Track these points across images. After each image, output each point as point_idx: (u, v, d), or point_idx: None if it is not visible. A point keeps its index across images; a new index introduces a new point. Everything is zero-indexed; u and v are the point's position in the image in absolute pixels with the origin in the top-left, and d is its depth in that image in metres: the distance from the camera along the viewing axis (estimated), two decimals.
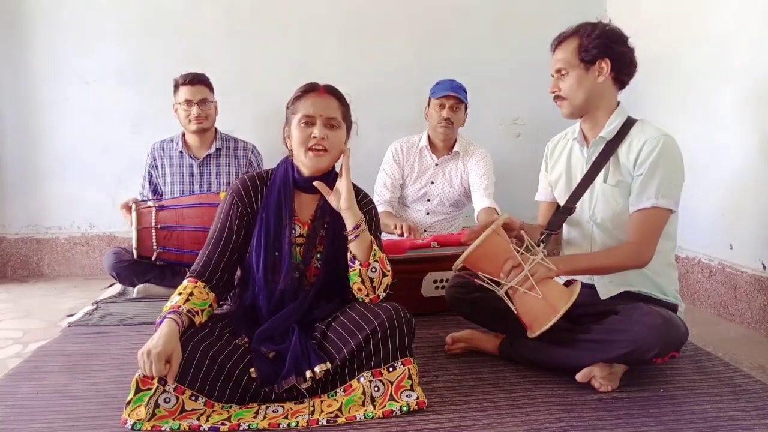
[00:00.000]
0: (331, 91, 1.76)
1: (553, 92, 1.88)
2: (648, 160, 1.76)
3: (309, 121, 1.70)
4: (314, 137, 1.68)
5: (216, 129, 3.05)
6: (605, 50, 1.81)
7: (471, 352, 2.01)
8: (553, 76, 1.89)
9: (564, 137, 2.05)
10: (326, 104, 1.72)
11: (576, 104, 1.85)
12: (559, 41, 1.88)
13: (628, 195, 1.81)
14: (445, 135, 2.88)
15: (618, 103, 1.89)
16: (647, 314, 1.67)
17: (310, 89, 1.74)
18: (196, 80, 2.89)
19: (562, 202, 1.99)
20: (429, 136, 2.96)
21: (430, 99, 2.91)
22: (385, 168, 2.98)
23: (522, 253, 1.73)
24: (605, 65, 1.82)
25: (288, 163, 1.79)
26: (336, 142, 1.72)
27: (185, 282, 1.68)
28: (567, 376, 1.74)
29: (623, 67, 1.84)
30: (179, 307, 1.59)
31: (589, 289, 1.87)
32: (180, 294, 1.63)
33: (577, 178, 1.94)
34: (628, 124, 1.86)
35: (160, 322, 1.55)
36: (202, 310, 1.63)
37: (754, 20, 2.39)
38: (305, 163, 1.72)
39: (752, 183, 2.42)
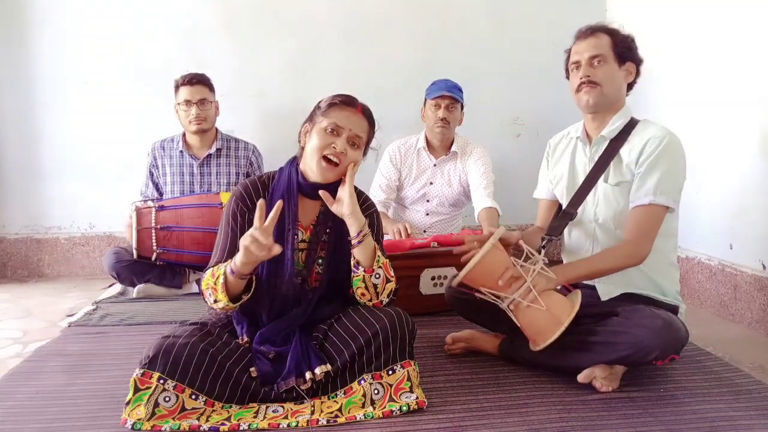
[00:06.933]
0: (367, 113, 1.75)
1: (587, 77, 1.82)
2: (650, 158, 1.76)
3: (336, 131, 1.69)
4: (334, 147, 1.68)
5: (217, 129, 3.05)
6: (633, 55, 1.86)
7: (471, 352, 2.01)
8: (575, 67, 1.87)
9: (566, 135, 2.04)
10: (358, 122, 1.72)
11: (606, 93, 1.83)
12: (591, 31, 1.86)
13: (628, 194, 1.81)
14: (443, 135, 2.88)
15: (624, 104, 1.90)
16: (648, 317, 1.66)
17: (350, 103, 1.73)
18: (196, 80, 2.90)
19: (563, 201, 1.99)
20: (426, 137, 2.95)
21: (425, 100, 2.90)
22: (381, 170, 2.98)
23: (522, 265, 1.72)
24: (632, 69, 1.86)
25: (293, 167, 1.78)
26: (351, 159, 1.71)
27: (209, 270, 1.66)
28: (567, 376, 1.74)
29: (637, 76, 1.89)
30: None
31: (589, 290, 1.86)
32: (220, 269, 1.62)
33: (580, 177, 1.93)
34: (631, 124, 1.86)
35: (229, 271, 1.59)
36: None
37: (754, 20, 2.39)
38: (314, 169, 1.70)
39: (752, 183, 2.42)
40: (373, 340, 1.60)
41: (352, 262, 1.70)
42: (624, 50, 1.83)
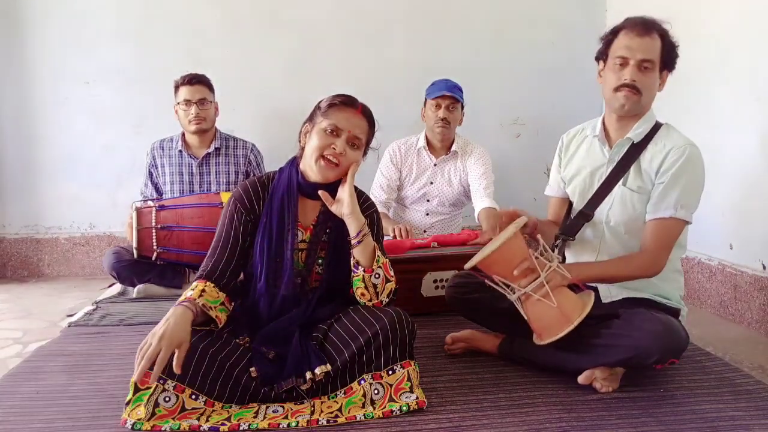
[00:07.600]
0: (367, 114, 1.75)
1: (633, 81, 1.73)
2: (672, 169, 1.73)
3: (335, 132, 1.69)
4: (333, 148, 1.68)
5: (216, 128, 3.05)
6: (673, 65, 1.80)
7: (471, 352, 2.01)
8: (620, 62, 1.74)
9: (581, 132, 1.98)
10: (358, 123, 1.71)
11: (644, 102, 1.78)
12: (647, 29, 1.74)
13: (646, 201, 1.78)
14: (443, 135, 2.88)
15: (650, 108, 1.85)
16: (648, 320, 1.66)
17: (350, 103, 1.72)
18: (195, 80, 2.90)
19: (574, 200, 1.96)
20: (426, 137, 2.95)
21: (426, 100, 2.90)
22: (382, 170, 2.98)
23: (537, 258, 1.70)
24: (665, 78, 1.81)
25: (293, 167, 1.78)
26: (351, 160, 1.71)
27: (194, 282, 1.67)
28: (567, 376, 1.74)
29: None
30: (194, 299, 1.59)
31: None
32: (192, 290, 1.63)
33: (595, 177, 1.89)
34: (655, 128, 1.83)
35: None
36: (216, 306, 1.63)
37: (754, 20, 2.39)
38: (313, 169, 1.70)
39: (752, 183, 2.42)
40: (373, 340, 1.60)
41: (351, 262, 1.70)
42: (669, 59, 1.77)
